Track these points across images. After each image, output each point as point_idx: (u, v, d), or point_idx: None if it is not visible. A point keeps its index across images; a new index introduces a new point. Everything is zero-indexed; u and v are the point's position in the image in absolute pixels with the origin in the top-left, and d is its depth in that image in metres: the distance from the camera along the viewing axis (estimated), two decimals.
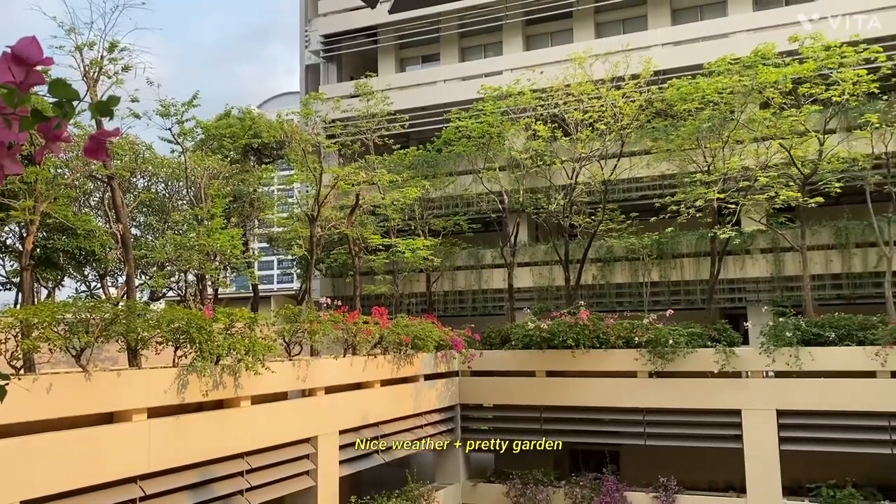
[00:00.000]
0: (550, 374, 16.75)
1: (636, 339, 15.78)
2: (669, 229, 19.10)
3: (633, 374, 15.93)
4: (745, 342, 17.13)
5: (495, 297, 22.04)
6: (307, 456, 11.89)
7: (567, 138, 19.17)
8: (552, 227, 20.60)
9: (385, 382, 14.39)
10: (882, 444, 14.11)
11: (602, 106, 18.07)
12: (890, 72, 15.89)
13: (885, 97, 16.67)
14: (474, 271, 22.26)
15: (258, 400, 10.89)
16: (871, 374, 14.28)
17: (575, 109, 18.52)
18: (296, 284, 34.11)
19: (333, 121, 20.52)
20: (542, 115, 19.41)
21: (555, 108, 19.02)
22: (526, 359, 16.74)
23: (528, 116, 19.49)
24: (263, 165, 20.49)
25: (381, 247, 20.00)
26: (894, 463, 14.74)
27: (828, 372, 14.62)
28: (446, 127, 20.46)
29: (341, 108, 20.13)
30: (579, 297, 18.69)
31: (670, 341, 15.40)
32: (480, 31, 25.28)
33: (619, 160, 18.64)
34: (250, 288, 23.26)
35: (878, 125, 16.34)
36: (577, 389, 16.34)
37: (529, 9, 24.02)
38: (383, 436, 14.06)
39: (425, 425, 15.67)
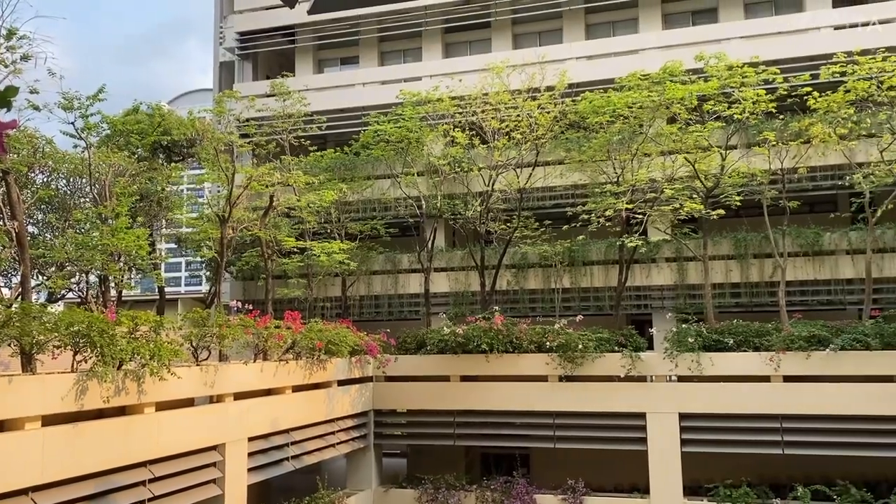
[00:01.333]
0: (465, 378, 16.89)
1: (548, 343, 16.13)
2: (581, 237, 19.64)
3: (544, 379, 16.27)
4: (651, 347, 17.77)
5: (412, 301, 22.06)
6: (214, 464, 11.54)
7: (484, 146, 19.43)
8: (469, 233, 20.82)
9: (297, 388, 14.14)
10: (774, 445, 14.92)
11: (518, 116, 18.42)
12: (786, 93, 16.86)
13: (781, 116, 17.67)
14: (391, 276, 22.22)
15: (163, 406, 10.49)
16: (765, 379, 15.08)
17: (492, 118, 18.79)
18: (205, 287, 33.10)
19: (248, 120, 20.07)
20: (460, 122, 19.61)
21: (473, 115, 19.24)
22: (441, 363, 16.82)
23: (446, 123, 19.64)
24: (173, 164, 19.80)
25: (295, 250, 19.68)
26: (785, 463, 15.60)
27: (726, 376, 15.35)
28: (365, 130, 20.36)
29: (256, 107, 19.71)
30: (494, 303, 18.95)
31: (580, 346, 15.82)
32: (400, 36, 25.32)
33: (534, 169, 19.03)
34: (156, 290, 22.41)
35: (774, 143, 17.31)
36: (491, 393, 16.55)
37: (449, 17, 24.25)
38: (294, 442, 13.81)
39: (338, 431, 15.49)
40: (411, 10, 24.13)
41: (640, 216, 18.00)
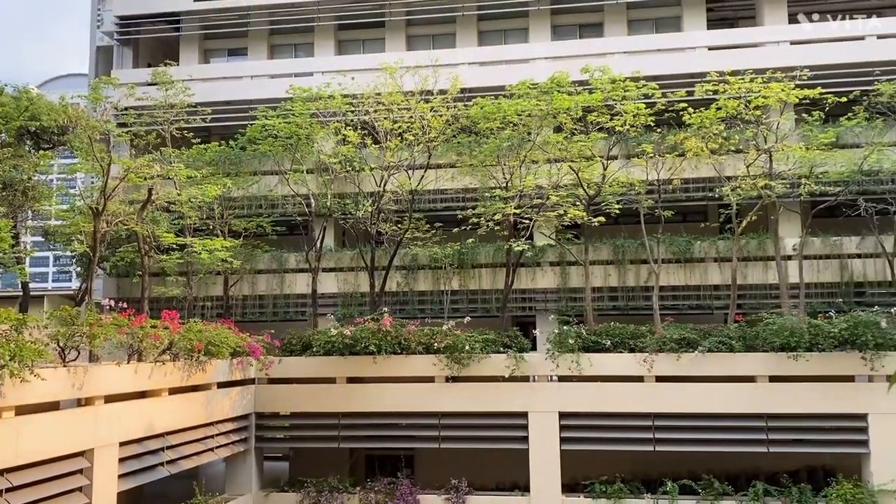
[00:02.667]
0: (351, 380, 16.72)
1: (436, 345, 16.23)
2: (470, 240, 19.92)
3: (431, 380, 16.36)
4: (534, 348, 18.25)
5: (298, 302, 21.62)
6: (81, 471, 10.84)
7: (376, 146, 19.33)
8: (359, 233, 20.65)
9: (174, 391, 13.52)
10: (647, 442, 15.69)
11: (411, 117, 18.45)
12: (664, 108, 17.79)
13: (659, 130, 18.63)
14: (277, 275, 21.68)
15: (25, 411, 9.75)
16: (639, 379, 15.84)
17: (385, 118, 18.73)
18: (75, 284, 31.11)
19: (126, 108, 19.05)
20: (352, 120, 19.42)
21: (365, 115, 19.11)
22: (327, 365, 16.58)
23: (338, 121, 19.41)
24: (42, 151, 18.48)
25: (174, 246, 18.82)
26: (656, 459, 16.43)
27: (604, 376, 15.99)
28: (252, 124, 19.77)
29: (136, 95, 18.75)
30: (383, 304, 18.88)
31: (467, 347, 16.03)
32: (292, 29, 24.81)
33: (426, 171, 19.13)
34: (20, 286, 20.84)
35: (652, 155, 18.21)
36: (377, 395, 16.47)
37: (342, 14, 23.99)
38: (170, 447, 13.20)
39: (217, 435, 14.94)
40: (304, 3, 23.71)
41: (527, 221, 18.47)
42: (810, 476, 16.39)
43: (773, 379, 15.46)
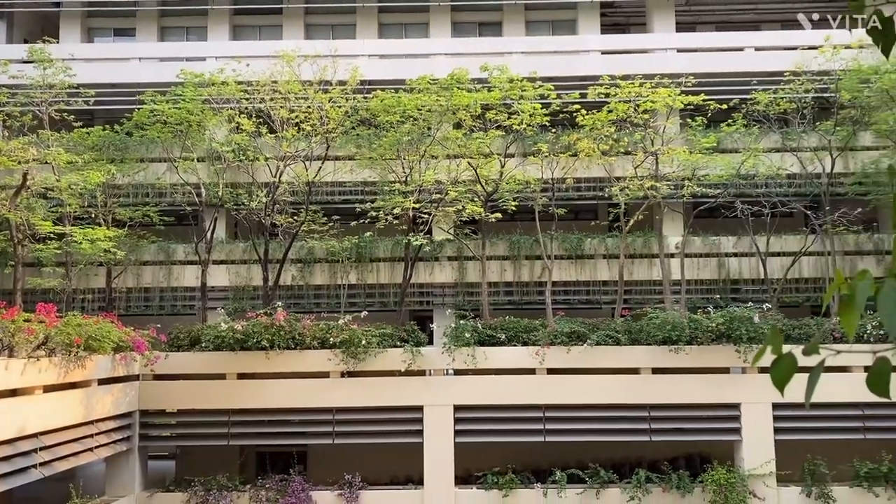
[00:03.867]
0: (242, 376, 16.28)
1: (331, 339, 16.04)
2: (368, 234, 19.79)
3: (325, 375, 16.16)
4: (431, 343, 18.37)
5: (187, 295, 20.80)
6: None
7: (272, 135, 18.86)
8: (253, 224, 20.08)
9: (49, 388, 12.72)
10: (537, 434, 16.12)
11: (309, 107, 18.10)
12: (559, 109, 18.26)
13: (554, 130, 19.12)
14: (164, 267, 20.80)
15: None
16: (531, 371, 16.24)
17: (281, 107, 18.29)
18: None
19: None
20: (247, 108, 18.85)
21: (261, 103, 18.59)
22: (217, 361, 16.06)
23: (231, 108, 18.79)
24: None
25: (52, 235, 17.68)
26: (543, 450, 16.91)
27: (498, 370, 16.31)
28: (140, 109, 18.82)
29: (10, 73, 17.48)
30: (277, 298, 18.47)
31: (363, 342, 15.93)
32: (184, 11, 23.81)
33: (323, 163, 18.83)
34: None
35: (547, 154, 18.69)
36: (270, 391, 16.11)
37: None
38: (44, 447, 12.41)
39: (97, 434, 14.17)
40: None
41: (426, 216, 18.55)
42: (688, 463, 17.34)
43: (655, 371, 16.23)
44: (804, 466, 15.92)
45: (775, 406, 15.85)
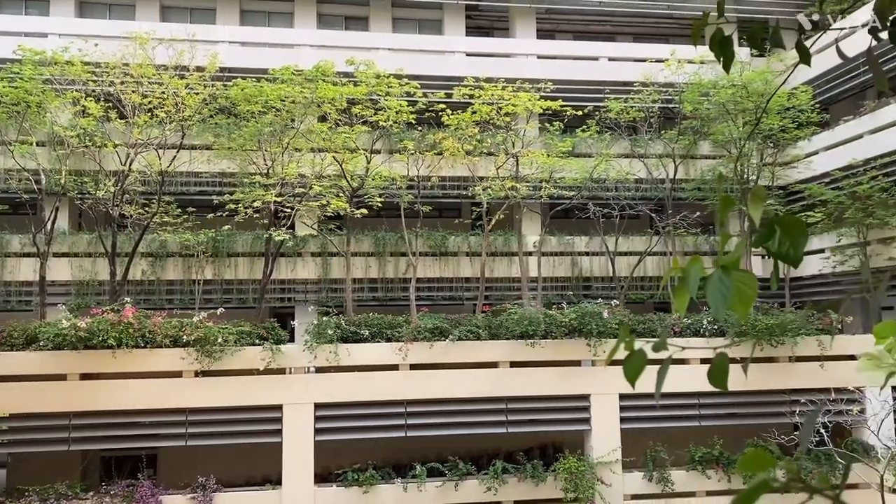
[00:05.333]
0: (85, 376, 15.23)
1: (185, 337, 15.34)
2: (226, 227, 19.06)
3: (178, 374, 15.44)
4: (292, 340, 18.00)
5: (23, 290, 19.12)
6: None
7: (122, 121, 17.73)
8: (99, 215, 18.77)
9: None
10: (399, 429, 16.23)
11: (164, 93, 17.18)
12: (425, 107, 18.44)
13: (420, 128, 19.28)
14: None
15: None
16: (394, 368, 16.32)
17: (133, 91, 17.23)
18: None
19: None
20: (94, 91, 17.62)
21: (110, 86, 17.42)
22: (57, 361, 14.93)
23: (77, 90, 17.48)
24: None
25: None
26: (404, 445, 17.05)
27: (361, 366, 16.25)
28: None
29: None
30: (126, 294, 17.41)
31: (219, 340, 15.35)
32: None
33: (178, 152, 17.92)
34: None
35: (413, 152, 18.82)
36: (117, 392, 15.17)
37: None
38: None
39: None
40: None
41: (289, 210, 18.14)
42: (542, 453, 18.09)
43: (513, 364, 16.79)
44: (646, 453, 17.04)
45: (622, 397, 16.85)
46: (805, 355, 17.40)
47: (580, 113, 19.81)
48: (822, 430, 15.91)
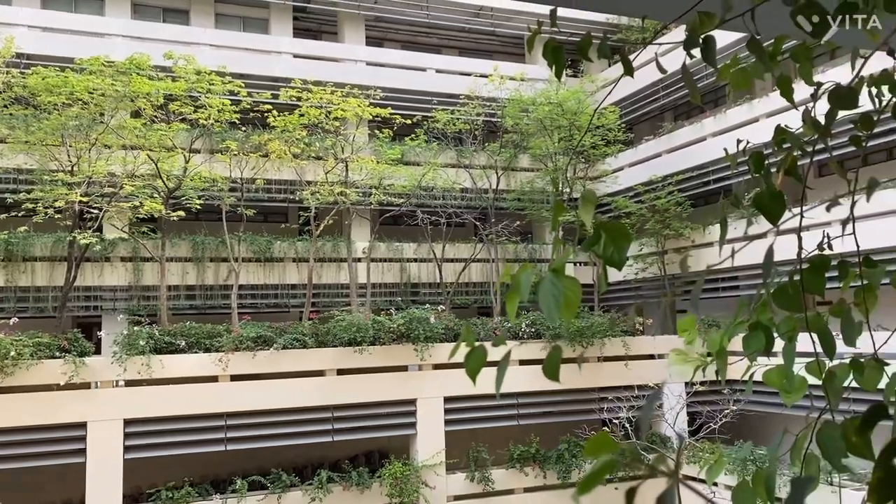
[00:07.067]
0: None
1: None
2: (22, 228, 17.24)
3: None
4: (99, 352, 16.64)
5: None
6: None
7: None
8: None
9: None
10: (218, 443, 15.49)
11: None
12: (249, 107, 17.84)
13: (244, 128, 18.61)
14: None
15: None
16: (214, 379, 15.57)
17: None
18: None
19: None
20: None
21: None
22: None
23: None
24: None
25: None
26: (224, 459, 16.32)
27: (177, 378, 15.34)
28: None
29: None
30: None
31: (12, 353, 13.83)
32: None
33: None
34: None
35: (236, 152, 18.12)
36: None
37: None
38: None
39: None
40: None
41: (97, 211, 16.75)
42: (368, 459, 18.07)
43: (340, 372, 16.64)
44: (469, 454, 17.57)
45: (446, 400, 17.25)
46: (611, 355, 18.80)
47: (409, 122, 20.11)
48: (627, 425, 17.27)
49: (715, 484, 12.78)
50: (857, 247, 1.94)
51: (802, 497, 1.02)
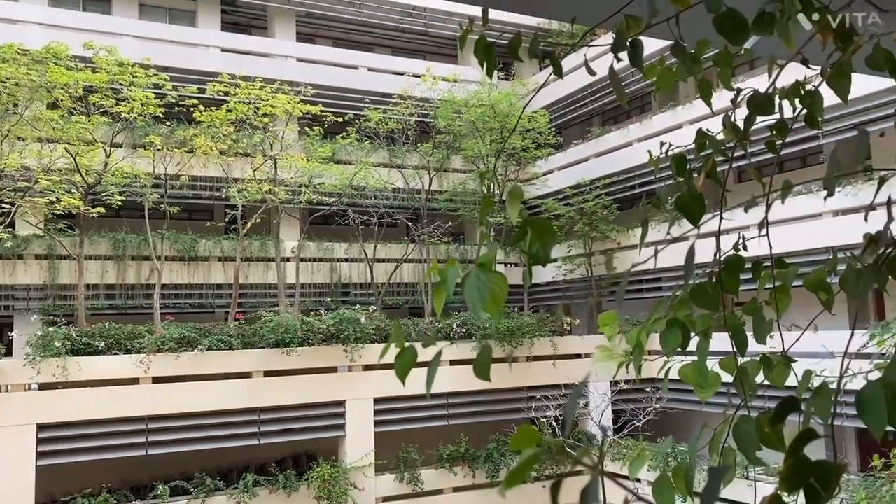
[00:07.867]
0: None
1: None
2: None
3: None
4: (10, 354, 15.85)
5: None
6: None
7: None
8: None
9: None
10: (139, 447, 14.98)
11: None
12: (174, 101, 17.32)
13: (168, 123, 18.05)
14: None
15: None
16: (135, 381, 15.05)
17: None
18: None
19: None
20: None
21: None
22: None
23: None
24: None
25: None
26: (146, 463, 15.80)
27: (95, 381, 14.76)
28: None
29: None
30: None
31: None
32: None
33: None
34: None
35: (160, 147, 17.56)
36: None
37: None
38: None
39: None
40: None
41: (9, 206, 15.95)
42: (295, 462, 17.79)
43: (267, 374, 16.33)
44: (398, 455, 17.52)
45: (376, 401, 17.16)
46: (540, 355, 19.07)
47: (341, 120, 19.90)
48: (554, 423, 17.55)
49: (638, 480, 13.12)
50: (770, 248, 2.01)
51: (718, 484, 1.05)
